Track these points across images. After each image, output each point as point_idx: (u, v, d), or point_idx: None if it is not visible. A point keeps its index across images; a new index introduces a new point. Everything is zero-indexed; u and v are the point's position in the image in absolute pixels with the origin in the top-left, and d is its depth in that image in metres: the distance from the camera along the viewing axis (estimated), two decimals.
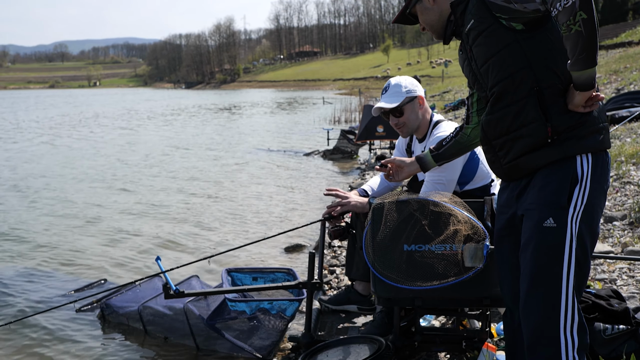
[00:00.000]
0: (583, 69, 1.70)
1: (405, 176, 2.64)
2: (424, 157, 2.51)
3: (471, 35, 1.97)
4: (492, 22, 1.89)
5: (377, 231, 2.43)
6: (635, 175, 5.84)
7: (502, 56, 1.90)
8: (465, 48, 2.05)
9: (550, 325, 1.84)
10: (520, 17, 1.83)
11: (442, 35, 2.16)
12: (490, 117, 2.00)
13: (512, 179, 2.03)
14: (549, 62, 1.85)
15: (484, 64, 1.97)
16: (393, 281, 2.39)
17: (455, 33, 2.12)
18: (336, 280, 4.43)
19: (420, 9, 2.17)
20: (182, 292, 2.79)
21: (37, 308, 4.25)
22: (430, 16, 2.15)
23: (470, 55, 2.02)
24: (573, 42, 1.66)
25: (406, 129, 3.14)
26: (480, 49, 1.96)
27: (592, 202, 1.85)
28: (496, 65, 1.92)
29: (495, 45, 1.90)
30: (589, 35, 1.63)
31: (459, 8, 2.01)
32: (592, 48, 1.65)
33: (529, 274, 1.89)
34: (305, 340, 2.93)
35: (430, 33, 2.21)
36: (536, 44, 1.86)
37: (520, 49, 1.87)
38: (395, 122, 3.11)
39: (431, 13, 2.14)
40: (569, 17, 1.63)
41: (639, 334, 2.44)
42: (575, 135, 1.84)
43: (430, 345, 2.83)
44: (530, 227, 1.89)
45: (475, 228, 2.36)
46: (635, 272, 3.73)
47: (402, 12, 2.25)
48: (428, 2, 2.14)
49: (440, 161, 2.49)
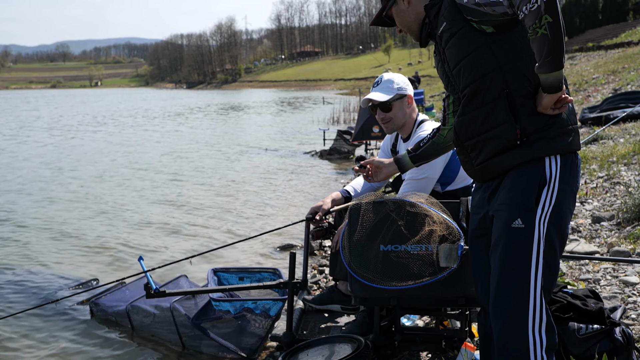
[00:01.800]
0: (550, 72, 1.72)
1: (383, 177, 2.62)
2: (402, 157, 2.52)
3: (444, 37, 1.99)
4: (463, 25, 1.91)
5: (354, 231, 2.45)
6: (626, 176, 5.86)
7: (473, 58, 1.92)
8: (439, 50, 2.07)
9: (519, 325, 1.86)
10: (490, 20, 1.85)
11: (418, 37, 2.18)
12: (462, 119, 2.02)
13: (484, 180, 2.05)
14: (519, 64, 1.87)
15: (455, 65, 1.99)
16: (369, 281, 2.41)
17: (430, 35, 2.14)
18: (325, 280, 4.46)
19: (395, 12, 2.19)
20: (163, 292, 2.82)
21: (26, 306, 4.29)
22: (405, 18, 2.17)
23: (444, 57, 2.05)
24: (539, 45, 1.68)
25: (392, 125, 3.18)
26: (452, 50, 1.98)
27: (561, 204, 1.87)
28: (467, 67, 1.94)
29: (466, 48, 1.92)
30: (554, 39, 1.65)
31: (432, 10, 2.03)
32: (559, 51, 1.67)
33: (497, 275, 1.91)
34: (287, 340, 2.96)
35: (408, 35, 2.24)
36: (506, 46, 1.88)
37: (491, 52, 1.88)
38: (382, 116, 3.15)
39: (407, 15, 2.16)
40: (534, 20, 1.65)
41: (613, 334, 2.46)
42: (543, 137, 1.86)
43: (410, 344, 2.85)
44: (499, 227, 1.92)
45: (450, 229, 2.39)
46: (619, 273, 3.75)
47: (379, 14, 2.26)
48: (403, 5, 2.15)
49: (417, 162, 2.49)
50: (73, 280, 4.92)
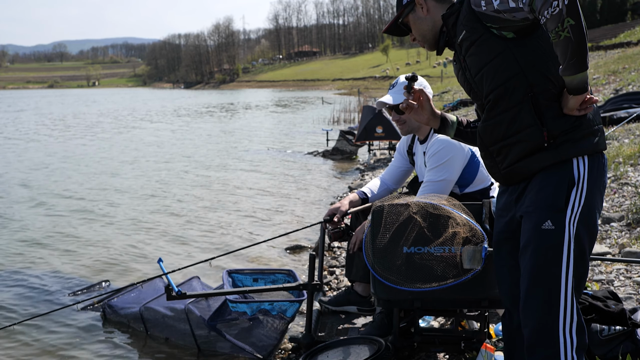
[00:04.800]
0: (574, 74, 1.73)
1: (423, 120, 2.27)
2: (450, 124, 2.28)
3: (464, 45, 2.00)
4: (483, 32, 1.92)
5: (377, 234, 2.46)
6: (633, 177, 5.87)
7: (495, 64, 1.93)
8: (459, 58, 2.08)
9: (550, 326, 1.88)
10: (510, 26, 1.86)
11: (435, 46, 2.16)
12: (486, 124, 2.03)
13: (510, 184, 2.06)
14: (542, 67, 1.88)
15: (477, 72, 1.99)
16: (393, 283, 2.42)
17: (448, 44, 2.13)
18: (336, 281, 4.46)
19: (413, 19, 2.16)
20: (185, 294, 2.82)
21: (40, 309, 4.29)
22: (423, 26, 2.15)
23: (464, 65, 2.05)
24: (563, 48, 1.69)
25: (407, 127, 3.18)
26: (473, 58, 1.99)
27: (590, 204, 1.89)
28: (490, 74, 1.95)
29: (487, 54, 1.93)
30: (577, 41, 1.66)
31: (450, 19, 2.03)
32: (582, 53, 1.68)
33: (528, 275, 1.92)
34: (306, 341, 2.97)
35: (422, 44, 2.19)
36: (528, 50, 1.89)
37: (513, 57, 1.89)
38: (397, 118, 3.15)
39: (424, 23, 2.14)
40: (557, 24, 1.66)
41: (635, 335, 2.47)
42: (570, 139, 1.88)
43: (429, 345, 2.87)
44: (529, 229, 1.93)
45: (474, 230, 2.39)
46: (632, 273, 3.76)
47: (394, 21, 2.22)
48: (421, 12, 2.13)
49: (457, 137, 2.32)
50: (83, 283, 4.91)
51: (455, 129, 2.28)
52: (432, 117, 2.26)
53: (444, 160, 2.95)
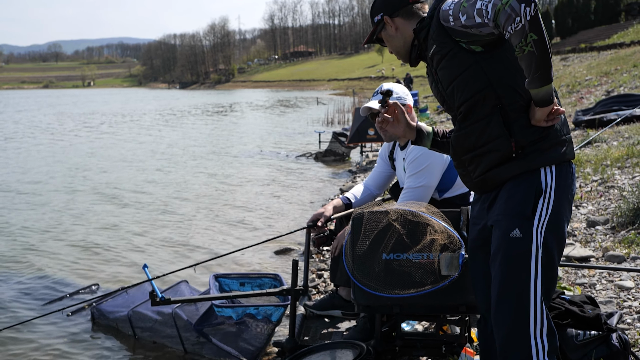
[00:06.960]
0: (540, 87, 1.78)
1: (399, 132, 2.32)
2: (426, 134, 2.33)
3: (435, 59, 2.06)
4: (453, 46, 1.97)
5: (357, 240, 2.50)
6: (620, 180, 5.93)
7: (464, 78, 1.98)
8: (431, 71, 2.14)
9: (521, 331, 1.92)
10: (478, 40, 1.91)
11: (408, 58, 2.24)
12: (458, 134, 2.09)
13: (483, 192, 2.11)
14: (509, 80, 1.93)
15: (448, 85, 2.05)
16: (372, 289, 2.46)
17: (420, 57, 2.20)
18: (324, 284, 4.50)
19: (385, 36, 2.25)
20: (168, 300, 2.85)
21: (29, 313, 4.31)
22: (394, 42, 2.23)
23: (436, 78, 2.11)
24: (527, 62, 1.74)
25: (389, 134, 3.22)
26: (444, 72, 2.04)
27: (557, 212, 1.93)
28: (460, 87, 2.00)
29: (457, 68, 1.99)
30: (541, 55, 1.71)
31: (421, 34, 2.09)
32: (546, 66, 1.73)
33: (498, 282, 1.97)
34: (289, 346, 3.01)
35: (397, 57, 2.27)
36: (496, 64, 1.94)
37: (481, 70, 1.95)
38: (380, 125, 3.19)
39: (395, 39, 2.22)
40: (520, 39, 1.71)
41: (610, 340, 2.52)
42: (538, 149, 1.93)
43: (411, 349, 2.91)
44: (498, 237, 1.98)
45: (452, 237, 2.44)
46: (615, 277, 3.81)
47: (370, 36, 2.32)
48: (391, 30, 2.21)
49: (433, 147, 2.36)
50: (73, 286, 4.94)
51: (431, 140, 2.33)
52: (408, 129, 2.31)
53: (423, 167, 3.00)
